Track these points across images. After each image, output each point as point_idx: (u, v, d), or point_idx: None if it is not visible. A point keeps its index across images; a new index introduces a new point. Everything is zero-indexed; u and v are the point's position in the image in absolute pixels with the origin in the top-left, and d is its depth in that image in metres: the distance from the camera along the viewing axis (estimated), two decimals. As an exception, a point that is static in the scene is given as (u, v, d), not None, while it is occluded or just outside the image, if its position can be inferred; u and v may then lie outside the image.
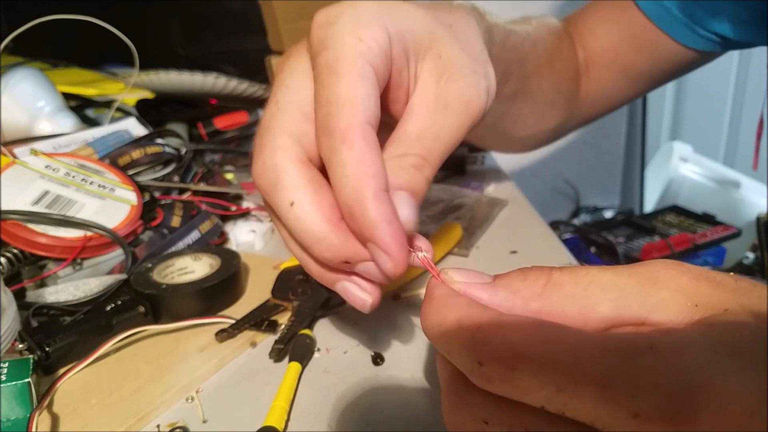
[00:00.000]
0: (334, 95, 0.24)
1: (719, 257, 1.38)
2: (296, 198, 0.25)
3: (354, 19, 0.25)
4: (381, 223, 0.23)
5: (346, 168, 0.23)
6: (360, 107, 0.24)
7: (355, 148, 0.23)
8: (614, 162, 1.61)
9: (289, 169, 0.25)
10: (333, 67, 0.24)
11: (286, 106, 0.26)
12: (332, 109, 0.24)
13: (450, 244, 0.48)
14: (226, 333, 0.38)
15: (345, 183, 0.23)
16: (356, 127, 0.23)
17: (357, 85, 0.24)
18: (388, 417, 0.31)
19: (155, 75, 0.71)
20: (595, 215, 1.58)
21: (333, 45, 0.24)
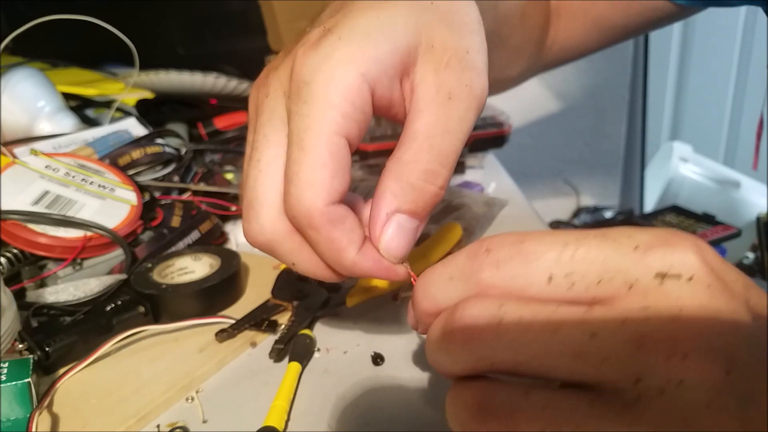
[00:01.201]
0: (297, 175, 0.24)
1: (719, 257, 1.38)
2: (297, 261, 0.26)
3: (328, 76, 0.24)
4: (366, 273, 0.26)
5: (321, 247, 0.25)
6: (324, 188, 0.24)
7: (321, 233, 0.24)
8: (614, 162, 1.61)
9: (282, 241, 0.26)
10: (300, 141, 0.24)
11: (267, 168, 0.26)
12: (295, 190, 0.24)
13: (450, 244, 0.48)
14: (226, 333, 0.38)
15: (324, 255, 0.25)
16: (319, 213, 0.24)
17: (320, 165, 0.23)
18: (388, 417, 0.31)
19: (155, 75, 0.71)
20: (595, 215, 1.58)
21: (305, 113, 0.24)
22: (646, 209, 1.71)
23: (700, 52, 1.85)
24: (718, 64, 1.83)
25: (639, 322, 0.16)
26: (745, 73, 1.81)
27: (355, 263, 0.25)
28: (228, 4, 1.10)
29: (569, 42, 0.55)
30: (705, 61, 1.85)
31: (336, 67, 0.24)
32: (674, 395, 0.16)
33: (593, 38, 0.55)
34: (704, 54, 1.85)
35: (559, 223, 1.52)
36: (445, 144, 0.25)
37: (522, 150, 1.54)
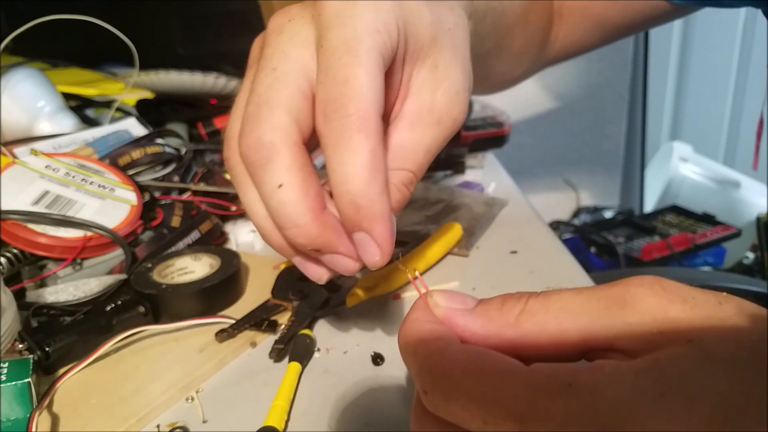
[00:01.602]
0: (353, 78, 0.23)
1: (719, 257, 1.38)
2: (286, 181, 0.24)
3: (375, 7, 0.24)
4: (384, 218, 0.24)
5: (359, 158, 0.23)
6: (377, 98, 0.23)
7: (370, 140, 0.23)
8: (614, 162, 1.61)
9: (284, 151, 0.25)
10: (353, 48, 0.23)
11: (285, 77, 0.25)
12: (350, 91, 0.23)
13: (450, 244, 0.48)
14: (226, 333, 0.38)
15: (355, 172, 0.23)
16: (373, 118, 0.23)
17: (375, 74, 0.23)
18: (388, 417, 0.31)
19: (155, 75, 0.71)
20: (595, 215, 1.58)
21: (352, 25, 0.24)
22: (646, 209, 1.71)
23: (700, 52, 1.85)
24: (718, 64, 1.83)
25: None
26: (745, 73, 1.81)
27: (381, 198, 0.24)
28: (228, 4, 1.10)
29: (570, 40, 0.56)
30: (705, 61, 1.85)
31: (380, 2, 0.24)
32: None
33: (594, 36, 0.56)
34: (704, 54, 1.85)
35: (558, 223, 1.52)
36: (424, 159, 0.27)
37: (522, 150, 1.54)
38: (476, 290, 0.43)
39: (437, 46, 0.27)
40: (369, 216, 0.24)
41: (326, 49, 0.24)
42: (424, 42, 0.26)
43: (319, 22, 0.25)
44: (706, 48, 1.84)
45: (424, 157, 0.27)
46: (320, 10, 0.25)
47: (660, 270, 1.20)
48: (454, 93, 0.27)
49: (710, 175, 1.70)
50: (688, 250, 1.31)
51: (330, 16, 0.24)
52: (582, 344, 0.19)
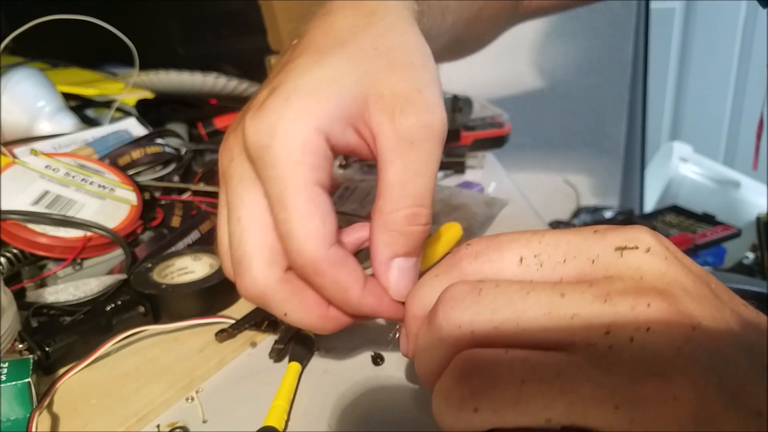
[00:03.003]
0: (291, 233, 0.25)
1: (719, 257, 1.38)
2: (288, 311, 0.27)
3: (284, 138, 0.24)
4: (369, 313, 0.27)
5: (328, 290, 0.26)
6: (319, 237, 0.25)
7: (327, 277, 0.25)
8: (614, 162, 1.61)
9: (273, 293, 0.27)
10: (282, 203, 0.25)
11: (249, 224, 0.27)
12: (294, 246, 0.25)
13: (450, 244, 0.48)
14: (226, 333, 0.38)
15: (334, 298, 0.26)
16: (322, 260, 0.25)
17: (309, 218, 0.25)
18: (388, 417, 0.31)
19: (155, 75, 0.71)
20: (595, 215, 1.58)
21: (275, 176, 0.25)
22: (646, 209, 1.71)
23: (700, 52, 1.85)
24: (718, 64, 1.83)
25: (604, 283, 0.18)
26: (745, 73, 1.81)
27: (360, 300, 0.26)
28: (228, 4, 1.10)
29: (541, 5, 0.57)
30: (705, 61, 1.85)
31: (290, 126, 0.25)
32: (643, 341, 0.17)
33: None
34: (704, 54, 1.85)
35: (559, 223, 1.52)
36: (419, 186, 0.26)
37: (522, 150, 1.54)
38: (476, 290, 0.43)
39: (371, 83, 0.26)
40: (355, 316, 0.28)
41: (267, 198, 0.26)
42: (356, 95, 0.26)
43: (251, 161, 0.26)
44: (706, 48, 1.84)
45: (416, 181, 0.26)
46: (248, 151, 0.26)
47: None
48: (410, 105, 0.26)
49: (710, 175, 1.70)
50: (688, 250, 1.31)
51: (255, 160, 0.26)
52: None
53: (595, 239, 0.19)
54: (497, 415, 0.17)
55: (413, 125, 0.26)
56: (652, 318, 0.17)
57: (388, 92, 0.26)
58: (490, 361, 0.18)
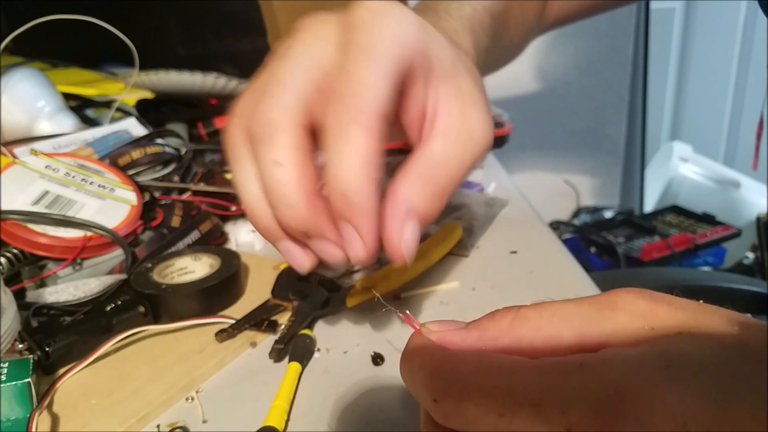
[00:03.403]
0: (362, 75, 0.24)
1: (719, 257, 1.38)
2: (284, 160, 0.25)
3: (399, 21, 0.25)
4: (370, 214, 0.25)
5: (353, 149, 0.24)
6: (382, 98, 0.24)
7: (368, 135, 0.24)
8: (614, 162, 1.61)
9: (288, 130, 0.25)
10: (368, 50, 0.24)
11: (302, 65, 0.26)
12: (357, 87, 0.24)
13: (450, 244, 0.48)
14: (226, 333, 0.38)
15: (348, 163, 0.24)
16: (377, 116, 0.24)
17: (384, 74, 0.24)
18: (388, 417, 0.31)
19: (155, 75, 0.71)
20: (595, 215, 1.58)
21: (374, 32, 0.25)
22: (646, 209, 1.71)
23: (700, 52, 1.85)
24: (718, 64, 1.83)
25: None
26: (745, 73, 1.81)
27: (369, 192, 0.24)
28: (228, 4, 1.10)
29: (563, 13, 0.58)
30: (705, 61, 1.85)
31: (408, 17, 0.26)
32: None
33: (585, 6, 0.58)
34: (704, 54, 1.85)
35: (559, 223, 1.52)
36: (457, 172, 0.27)
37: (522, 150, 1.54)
38: (476, 290, 0.43)
39: (458, 72, 0.28)
40: (355, 208, 0.24)
41: (346, 49, 0.25)
42: (446, 66, 0.28)
43: (346, 27, 0.26)
44: (706, 48, 1.84)
45: (456, 171, 0.27)
46: (350, 17, 0.26)
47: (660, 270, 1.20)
48: (481, 111, 0.28)
49: (710, 175, 1.70)
50: (688, 250, 1.32)
51: (357, 22, 0.26)
52: (576, 345, 0.19)
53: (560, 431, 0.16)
54: None
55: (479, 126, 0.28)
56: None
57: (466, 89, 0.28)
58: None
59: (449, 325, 0.22)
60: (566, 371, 0.17)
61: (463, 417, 0.18)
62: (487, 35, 0.40)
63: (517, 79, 1.50)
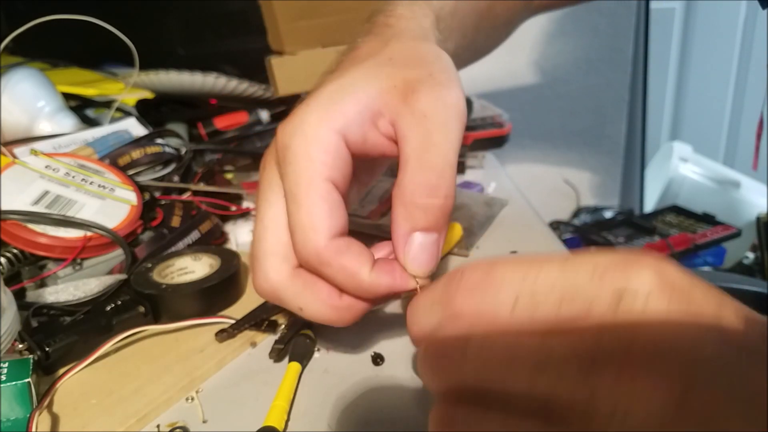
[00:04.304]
0: (298, 223, 0.27)
1: (719, 257, 1.38)
2: (302, 304, 0.29)
3: (302, 137, 0.27)
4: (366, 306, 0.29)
5: (337, 278, 0.27)
6: (323, 227, 0.26)
7: (333, 265, 0.27)
8: (614, 162, 1.61)
9: (285, 287, 0.29)
10: (293, 195, 0.27)
11: (269, 224, 0.29)
12: (299, 236, 0.27)
13: (450, 244, 0.48)
14: (226, 333, 0.38)
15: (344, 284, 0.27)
16: (324, 248, 0.26)
17: (316, 209, 0.26)
18: (388, 417, 0.31)
19: (155, 75, 0.71)
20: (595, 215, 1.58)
21: (291, 171, 0.27)
22: (646, 209, 1.71)
23: (700, 52, 1.85)
24: (718, 64, 1.83)
25: (592, 341, 0.17)
26: (745, 73, 1.81)
27: (372, 281, 0.27)
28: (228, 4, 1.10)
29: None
30: (705, 61, 1.85)
31: (308, 128, 0.27)
32: (624, 419, 0.15)
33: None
34: (704, 54, 1.85)
35: (559, 223, 1.52)
36: (435, 158, 0.27)
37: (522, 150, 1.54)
38: (476, 290, 0.43)
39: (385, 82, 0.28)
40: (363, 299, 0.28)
41: (285, 192, 0.28)
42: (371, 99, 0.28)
43: (278, 164, 0.29)
44: (706, 48, 1.84)
45: (431, 154, 0.27)
46: (276, 151, 0.29)
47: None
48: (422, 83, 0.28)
49: (710, 175, 1.70)
50: (688, 250, 1.31)
51: (280, 164, 0.28)
52: None
53: (593, 280, 0.18)
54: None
55: (426, 100, 0.27)
56: (634, 394, 0.15)
57: (401, 81, 0.28)
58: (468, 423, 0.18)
59: None
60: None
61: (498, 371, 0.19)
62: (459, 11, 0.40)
63: (517, 79, 1.49)
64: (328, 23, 0.75)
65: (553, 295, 0.18)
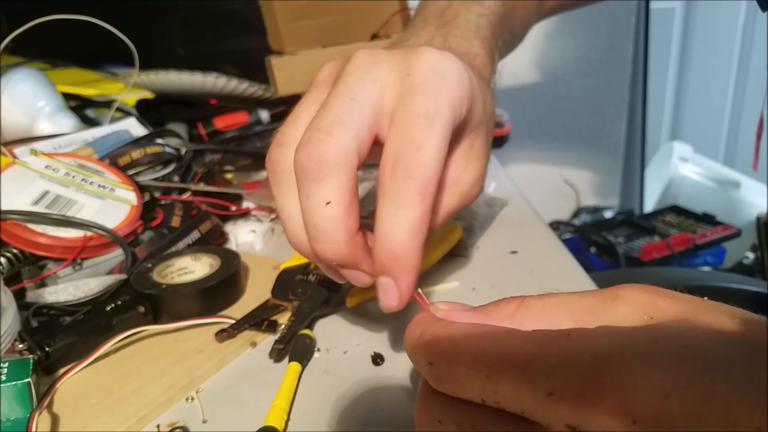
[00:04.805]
0: (427, 145, 0.25)
1: (719, 257, 1.38)
2: (335, 200, 0.26)
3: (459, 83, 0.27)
4: (414, 272, 0.26)
5: (411, 216, 0.25)
6: (440, 167, 0.26)
7: (425, 203, 0.26)
8: (614, 162, 1.61)
9: (343, 172, 0.26)
10: (432, 119, 0.26)
11: (361, 109, 0.27)
12: (421, 156, 0.25)
13: (450, 244, 0.48)
14: (226, 333, 0.38)
15: (404, 227, 0.25)
16: (433, 184, 0.26)
17: (444, 145, 0.26)
18: (388, 417, 0.31)
19: (155, 75, 0.71)
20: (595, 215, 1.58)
21: (437, 98, 0.26)
22: (646, 209, 1.71)
23: (700, 52, 1.85)
24: (718, 64, 1.83)
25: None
26: (745, 73, 1.81)
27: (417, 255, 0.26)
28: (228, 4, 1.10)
29: (558, 5, 0.58)
30: (705, 61, 1.85)
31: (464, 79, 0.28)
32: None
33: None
34: (704, 54, 1.85)
35: (559, 223, 1.52)
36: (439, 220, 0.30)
37: (522, 150, 1.54)
38: (476, 290, 0.43)
39: (479, 128, 0.30)
40: (402, 267, 0.26)
41: (408, 110, 0.26)
42: (475, 122, 0.30)
43: (406, 80, 0.27)
44: (706, 48, 1.84)
45: (441, 219, 0.30)
46: (410, 70, 0.27)
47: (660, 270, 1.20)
48: (479, 174, 0.31)
49: (710, 175, 1.70)
50: (688, 250, 1.31)
51: (419, 80, 0.27)
52: None
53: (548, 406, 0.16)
54: None
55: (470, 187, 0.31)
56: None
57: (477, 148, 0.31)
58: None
59: (457, 306, 0.23)
60: (554, 339, 0.17)
61: (454, 379, 0.19)
62: (501, 29, 0.41)
63: (518, 79, 1.50)
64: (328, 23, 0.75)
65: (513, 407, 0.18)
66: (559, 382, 0.16)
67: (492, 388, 0.17)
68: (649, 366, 0.15)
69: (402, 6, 0.77)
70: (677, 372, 0.15)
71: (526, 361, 0.17)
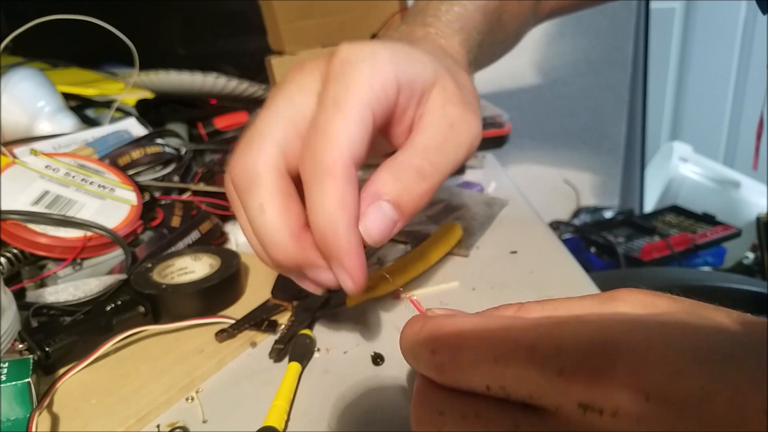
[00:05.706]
0: (330, 128, 0.26)
1: (719, 257, 1.38)
2: (266, 205, 0.27)
3: (372, 65, 0.27)
4: (351, 251, 0.26)
5: (326, 198, 0.26)
6: (349, 146, 0.26)
7: (338, 182, 0.25)
8: (614, 162, 1.61)
9: (266, 176, 0.27)
10: (338, 103, 0.26)
11: (283, 116, 0.28)
12: (325, 140, 0.26)
13: (450, 244, 0.48)
14: (226, 333, 0.38)
15: (323, 210, 0.26)
16: (342, 164, 0.26)
17: (353, 125, 0.26)
18: (388, 417, 0.31)
19: (155, 75, 0.71)
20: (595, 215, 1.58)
21: (345, 83, 0.27)
22: (646, 209, 1.71)
23: (700, 52, 1.85)
24: (718, 64, 1.83)
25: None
26: (745, 73, 1.81)
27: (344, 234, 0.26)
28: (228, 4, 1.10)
29: (558, 6, 0.58)
30: (705, 61, 1.85)
31: (379, 60, 0.27)
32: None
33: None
34: (704, 54, 1.85)
35: (559, 223, 1.52)
36: (438, 158, 0.28)
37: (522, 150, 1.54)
38: (476, 290, 0.43)
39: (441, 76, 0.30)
40: (336, 248, 0.26)
41: (321, 102, 0.27)
42: (429, 78, 0.29)
43: (324, 78, 0.28)
44: (706, 48, 1.84)
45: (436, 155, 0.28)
46: (328, 69, 0.28)
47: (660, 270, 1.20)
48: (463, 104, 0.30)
49: (710, 175, 1.70)
50: (688, 250, 1.31)
51: (331, 74, 0.27)
52: None
53: (558, 385, 0.16)
54: None
55: (459, 115, 0.29)
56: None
57: (450, 89, 0.30)
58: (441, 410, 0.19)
59: (454, 312, 0.22)
60: (564, 322, 0.17)
61: (459, 366, 0.18)
62: (479, 32, 0.41)
63: (517, 79, 1.49)
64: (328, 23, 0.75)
65: (521, 391, 0.18)
66: (570, 359, 0.16)
67: (500, 371, 0.17)
68: (660, 344, 0.15)
69: (402, 6, 0.77)
70: (688, 351, 0.15)
71: (535, 341, 0.17)
